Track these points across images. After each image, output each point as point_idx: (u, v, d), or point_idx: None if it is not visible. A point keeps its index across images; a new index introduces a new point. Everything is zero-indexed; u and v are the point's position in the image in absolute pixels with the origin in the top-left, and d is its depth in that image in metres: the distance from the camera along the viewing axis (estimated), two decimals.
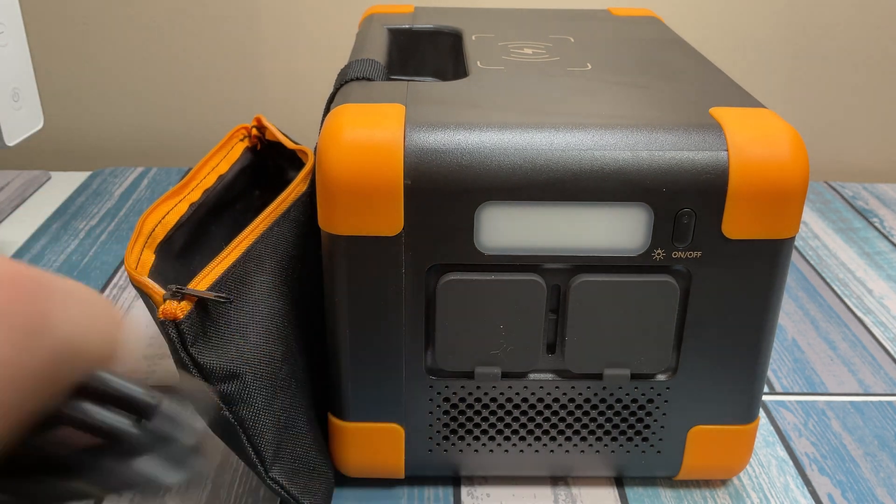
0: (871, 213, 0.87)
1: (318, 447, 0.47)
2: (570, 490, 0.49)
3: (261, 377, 0.43)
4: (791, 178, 0.41)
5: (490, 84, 0.48)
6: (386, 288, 0.43)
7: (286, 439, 0.44)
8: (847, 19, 0.96)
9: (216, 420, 0.43)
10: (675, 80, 0.49)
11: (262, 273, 0.44)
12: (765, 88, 0.99)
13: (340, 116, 0.41)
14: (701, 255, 0.42)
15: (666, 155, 0.41)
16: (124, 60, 0.96)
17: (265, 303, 0.44)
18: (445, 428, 0.47)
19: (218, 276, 0.42)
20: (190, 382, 0.41)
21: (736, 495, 0.49)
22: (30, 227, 0.80)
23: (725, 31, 0.96)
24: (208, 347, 0.41)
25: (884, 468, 0.52)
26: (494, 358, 0.44)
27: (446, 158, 0.40)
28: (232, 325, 0.42)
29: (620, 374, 0.45)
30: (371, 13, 0.66)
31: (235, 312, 0.43)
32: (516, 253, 0.42)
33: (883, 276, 0.75)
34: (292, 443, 0.45)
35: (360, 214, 0.41)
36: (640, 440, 0.47)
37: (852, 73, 0.98)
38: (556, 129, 0.41)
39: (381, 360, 0.44)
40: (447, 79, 0.58)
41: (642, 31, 0.61)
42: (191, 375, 0.41)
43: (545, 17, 0.66)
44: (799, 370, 0.61)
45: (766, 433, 0.55)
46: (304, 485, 0.45)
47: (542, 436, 0.47)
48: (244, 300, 0.43)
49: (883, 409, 0.57)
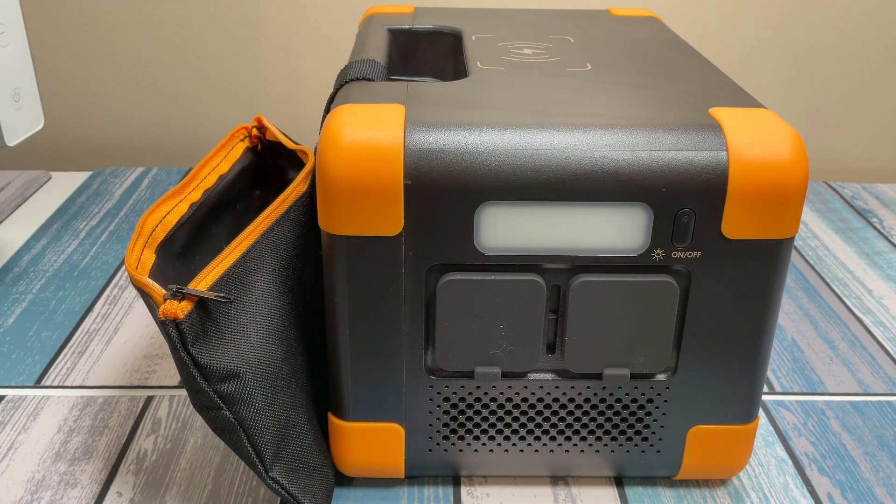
0: (871, 213, 0.87)
1: (319, 447, 0.47)
2: (570, 490, 0.49)
3: (261, 377, 0.43)
4: (791, 179, 0.41)
5: (490, 84, 0.48)
6: (386, 288, 0.43)
7: (286, 439, 0.45)
8: (847, 19, 0.96)
9: (216, 420, 0.43)
10: (675, 80, 0.49)
11: (263, 273, 0.44)
12: (765, 88, 0.99)
13: (340, 117, 0.41)
14: (701, 255, 0.42)
15: (666, 155, 0.41)
16: (125, 61, 0.96)
17: (265, 302, 0.44)
18: (445, 428, 0.47)
19: (218, 276, 0.42)
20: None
21: (735, 495, 0.49)
22: (30, 227, 0.80)
23: (725, 31, 0.96)
24: (208, 347, 0.41)
25: (883, 468, 0.52)
26: (494, 358, 0.44)
27: (446, 158, 0.40)
28: (232, 324, 0.42)
29: (620, 373, 0.45)
30: (371, 13, 0.66)
31: (236, 312, 0.43)
32: (516, 253, 0.42)
33: (882, 275, 0.75)
34: (293, 443, 0.45)
35: (360, 214, 0.41)
36: (640, 440, 0.47)
37: (852, 73, 0.98)
38: (556, 129, 0.41)
39: (381, 360, 0.45)
40: (447, 79, 0.58)
41: (642, 32, 0.61)
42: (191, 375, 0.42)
43: (545, 17, 0.66)
44: (798, 370, 0.61)
45: (766, 433, 0.55)
46: (304, 485, 0.45)
47: (542, 436, 0.47)
48: (244, 300, 0.43)
49: (882, 409, 0.57)
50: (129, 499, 0.48)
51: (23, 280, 0.71)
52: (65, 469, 0.50)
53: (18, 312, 0.66)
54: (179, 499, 0.48)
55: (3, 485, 0.49)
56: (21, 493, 0.48)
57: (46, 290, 0.70)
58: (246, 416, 0.42)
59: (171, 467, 0.50)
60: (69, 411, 0.55)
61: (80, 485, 0.49)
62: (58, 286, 0.70)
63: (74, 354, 0.61)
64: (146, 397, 0.57)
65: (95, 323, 0.65)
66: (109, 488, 0.49)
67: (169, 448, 0.52)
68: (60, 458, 0.51)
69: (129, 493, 0.48)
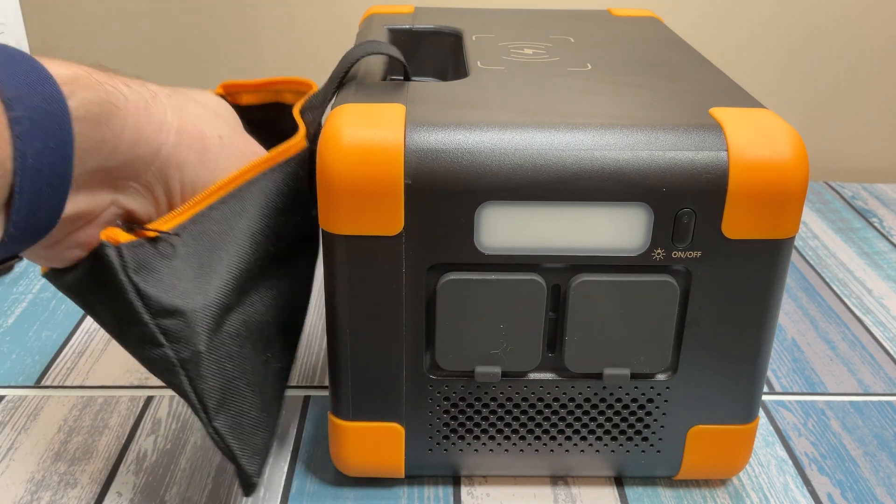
0: (871, 213, 0.87)
1: (265, 405, 0.45)
2: (570, 490, 0.49)
3: (209, 320, 0.41)
4: (791, 179, 0.41)
5: (490, 84, 0.48)
6: (386, 288, 0.43)
7: (232, 391, 0.43)
8: (847, 19, 0.96)
9: (156, 360, 0.41)
10: (675, 80, 0.49)
11: (241, 220, 0.43)
12: (765, 88, 0.99)
13: (341, 116, 0.41)
14: (701, 254, 0.42)
15: (666, 155, 0.41)
16: (125, 62, 0.96)
17: (233, 250, 0.42)
18: (445, 427, 0.47)
19: (191, 216, 0.41)
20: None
21: (735, 495, 0.49)
22: None
23: (725, 31, 0.96)
24: (155, 279, 0.40)
25: (883, 468, 0.52)
26: (494, 358, 0.44)
27: (446, 158, 0.40)
28: (188, 263, 0.41)
29: (620, 373, 0.45)
30: (371, 13, 0.66)
31: (196, 253, 0.41)
32: (516, 253, 0.42)
33: (882, 275, 0.75)
34: (238, 396, 0.43)
35: (360, 214, 0.41)
36: (640, 440, 0.47)
37: (852, 73, 0.98)
38: (556, 129, 0.41)
39: (381, 360, 0.45)
40: (447, 79, 0.58)
41: (642, 32, 0.61)
42: (130, 305, 0.40)
43: (545, 17, 0.66)
44: (798, 370, 0.61)
45: (766, 433, 0.55)
46: (246, 441, 0.44)
47: (542, 435, 0.47)
48: (210, 243, 0.42)
49: (882, 409, 0.57)
50: (129, 499, 0.48)
51: (23, 280, 0.71)
52: (65, 469, 0.50)
53: (18, 312, 0.66)
54: (179, 499, 0.48)
55: (3, 485, 0.49)
56: (21, 493, 0.48)
57: (46, 290, 0.70)
58: (188, 357, 0.41)
59: (171, 467, 0.50)
60: (69, 411, 0.55)
61: (80, 485, 0.49)
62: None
63: (74, 354, 0.61)
64: (146, 397, 0.57)
65: (95, 323, 0.65)
66: (109, 488, 0.49)
67: (169, 448, 0.52)
68: (60, 458, 0.51)
69: (129, 493, 0.48)
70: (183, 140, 0.41)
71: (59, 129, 0.35)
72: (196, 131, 0.42)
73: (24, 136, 0.34)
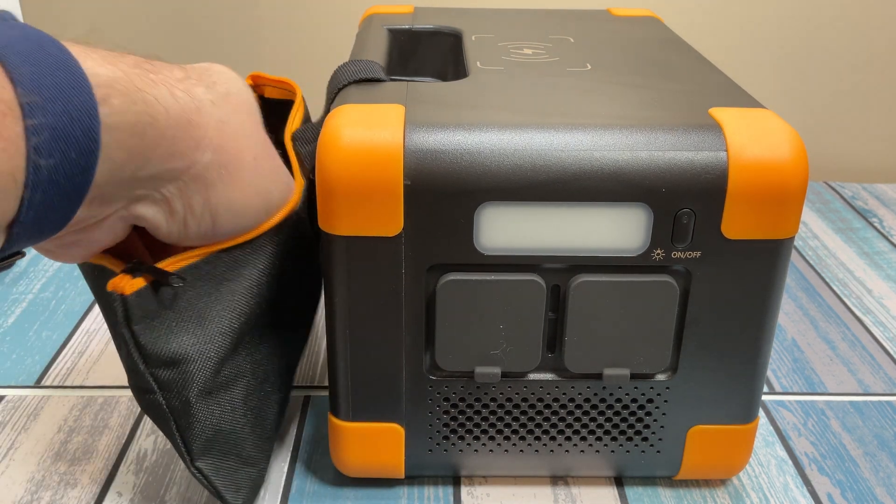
0: (871, 213, 0.87)
1: (257, 443, 0.46)
2: (570, 490, 0.49)
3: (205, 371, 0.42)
4: (790, 179, 0.41)
5: (490, 84, 0.48)
6: (386, 288, 0.43)
7: (220, 435, 0.43)
8: (847, 19, 0.96)
9: (149, 404, 0.42)
10: (675, 80, 0.49)
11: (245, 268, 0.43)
12: (765, 88, 0.99)
13: (340, 117, 0.41)
14: (700, 255, 0.42)
15: (665, 155, 0.41)
16: None
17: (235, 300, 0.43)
18: (445, 428, 0.47)
19: (193, 262, 0.41)
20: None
21: (735, 495, 0.49)
22: None
23: (725, 31, 0.96)
24: (153, 328, 0.40)
25: (883, 468, 0.52)
26: (494, 358, 0.44)
27: (446, 159, 0.40)
28: (188, 312, 0.41)
29: (620, 373, 0.45)
30: (371, 13, 0.66)
31: (196, 301, 0.41)
32: (516, 253, 0.42)
33: (882, 275, 0.75)
34: (227, 439, 0.44)
35: (359, 215, 0.41)
36: (640, 440, 0.47)
37: (852, 72, 0.98)
38: (555, 130, 0.41)
39: (381, 360, 0.45)
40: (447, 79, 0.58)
41: (642, 32, 0.61)
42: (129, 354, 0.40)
43: (545, 17, 0.66)
44: (798, 370, 0.61)
45: (766, 433, 0.55)
46: (231, 479, 0.44)
47: (542, 436, 0.47)
48: (212, 292, 0.42)
49: (882, 409, 0.57)
50: (129, 499, 0.48)
51: (23, 280, 0.71)
52: (65, 469, 0.50)
53: (18, 312, 0.66)
54: (179, 499, 0.48)
55: (3, 485, 0.49)
56: (21, 493, 0.48)
57: (46, 290, 0.70)
58: (178, 406, 0.41)
59: (172, 467, 0.50)
60: (69, 411, 0.55)
61: (80, 485, 0.49)
62: (58, 286, 0.70)
63: (74, 354, 0.61)
64: None
65: (95, 323, 0.65)
66: (109, 488, 0.49)
67: (169, 448, 0.52)
68: (60, 458, 0.51)
69: (129, 493, 0.48)
70: (219, 159, 0.39)
71: (84, 138, 0.31)
72: (234, 151, 0.39)
73: (43, 148, 0.30)
